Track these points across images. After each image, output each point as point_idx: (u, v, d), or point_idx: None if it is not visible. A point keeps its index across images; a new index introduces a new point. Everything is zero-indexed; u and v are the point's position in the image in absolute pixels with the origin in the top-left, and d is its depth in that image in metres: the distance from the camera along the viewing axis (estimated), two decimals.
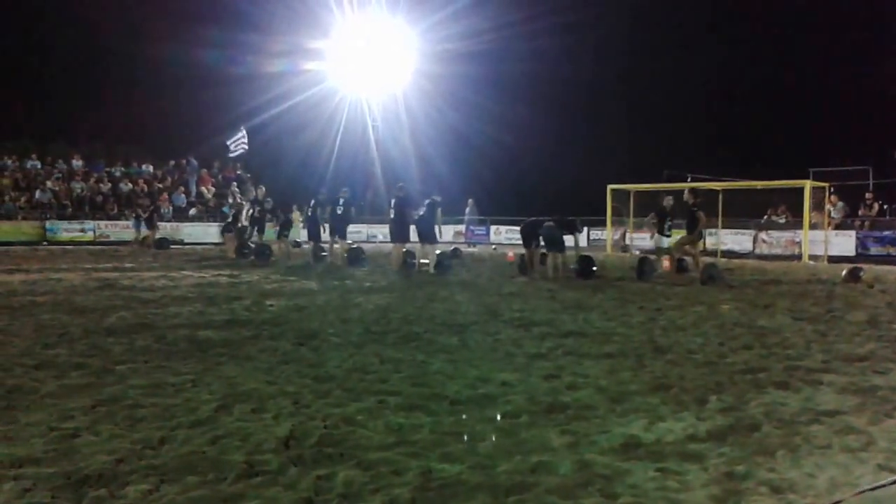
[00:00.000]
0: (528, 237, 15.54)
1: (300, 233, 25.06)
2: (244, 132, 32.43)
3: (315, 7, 34.82)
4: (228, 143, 32.34)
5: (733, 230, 25.22)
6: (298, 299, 10.75)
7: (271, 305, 10.00)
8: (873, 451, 3.96)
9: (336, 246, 18.45)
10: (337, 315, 9.08)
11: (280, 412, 4.60)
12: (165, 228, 28.38)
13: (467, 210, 32.95)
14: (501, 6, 33.61)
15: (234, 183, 36.12)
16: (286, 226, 20.67)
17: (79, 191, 32.13)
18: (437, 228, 16.32)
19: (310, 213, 19.48)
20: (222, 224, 24.49)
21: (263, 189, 22.96)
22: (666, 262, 14.80)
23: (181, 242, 27.29)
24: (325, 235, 18.95)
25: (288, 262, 18.88)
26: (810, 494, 3.36)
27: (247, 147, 32.89)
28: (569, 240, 15.28)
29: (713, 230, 23.03)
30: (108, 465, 3.63)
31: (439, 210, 16.43)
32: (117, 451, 3.85)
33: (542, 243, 15.24)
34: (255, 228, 20.82)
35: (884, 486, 3.29)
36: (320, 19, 35.33)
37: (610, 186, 26.67)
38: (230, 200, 32.23)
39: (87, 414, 4.54)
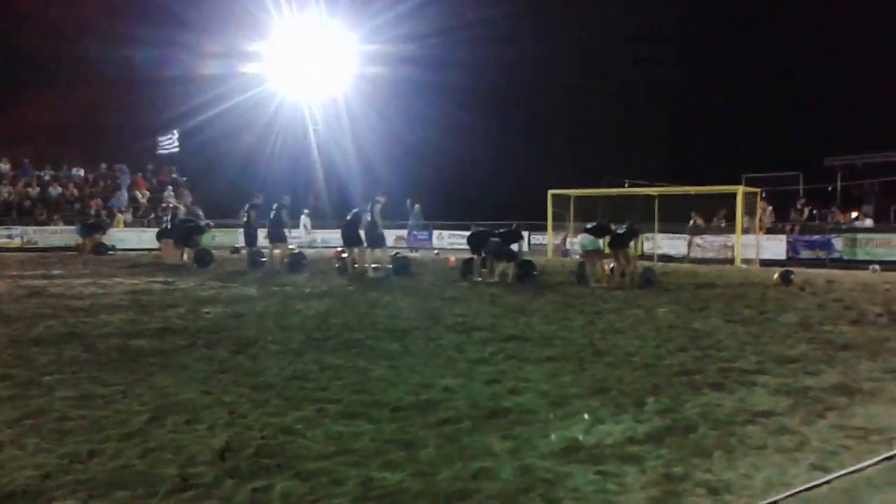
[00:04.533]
0: (476, 245, 15.59)
1: (238, 238, 24.67)
2: (176, 134, 31.80)
3: (252, 8, 34.36)
4: (159, 140, 31.69)
5: (669, 235, 25.73)
6: (236, 306, 10.55)
7: (207, 313, 9.79)
8: (806, 451, 4.06)
9: (276, 251, 18.20)
10: (276, 322, 8.94)
11: (215, 423, 4.49)
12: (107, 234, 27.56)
13: (411, 215, 32.92)
14: (443, 12, 33.66)
15: (170, 187, 35.38)
16: (196, 231, 20.31)
17: (5, 195, 31.01)
18: (382, 231, 16.36)
19: (245, 218, 19.18)
20: (158, 229, 23.92)
21: (191, 196, 22.60)
22: (606, 267, 15.00)
23: (113, 248, 26.53)
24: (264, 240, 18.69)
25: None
26: (746, 495, 3.42)
27: (177, 148, 32.22)
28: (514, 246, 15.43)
29: (650, 235, 23.46)
30: (34, 481, 3.49)
31: (377, 208, 16.34)
32: (44, 465, 3.71)
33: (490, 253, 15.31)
34: (189, 235, 20.40)
35: (817, 486, 3.37)
36: (258, 21, 34.88)
37: (550, 192, 26.94)
38: (168, 205, 31.51)
39: (12, 427, 4.38)
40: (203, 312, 9.81)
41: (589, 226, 15.29)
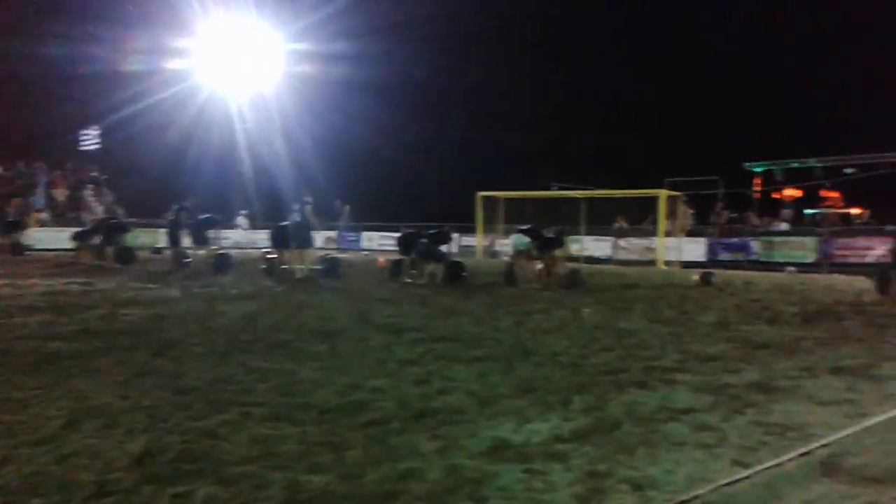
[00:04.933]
0: (406, 247, 15.58)
1: (161, 238, 24.08)
2: (97, 131, 30.82)
3: (177, 5, 33.54)
4: (80, 138, 30.68)
5: (595, 237, 26.19)
6: (157, 308, 10.25)
7: (127, 315, 9.48)
8: (726, 446, 4.16)
9: (201, 252, 17.81)
10: (199, 324, 8.72)
11: (134, 427, 4.35)
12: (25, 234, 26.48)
13: (342, 216, 32.67)
14: (374, 11, 33.52)
15: (90, 186, 34.22)
16: (118, 230, 19.80)
17: None
18: (312, 232, 16.19)
19: (171, 218, 18.72)
20: (77, 230, 23.11)
21: (112, 195, 21.98)
22: (536, 268, 15.17)
23: (30, 248, 25.51)
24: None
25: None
26: (669, 490, 3.49)
27: (98, 145, 31.23)
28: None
29: (577, 237, 23.84)
30: None
31: (308, 209, 16.18)
32: None
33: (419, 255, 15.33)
34: (110, 234, 19.83)
35: (737, 481, 3.46)
36: (182, 17, 34.03)
37: (480, 194, 27.11)
38: (87, 206, 30.49)
39: None
40: (123, 314, 9.50)
41: (522, 227, 15.51)
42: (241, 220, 31.88)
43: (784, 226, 24.68)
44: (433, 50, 33.90)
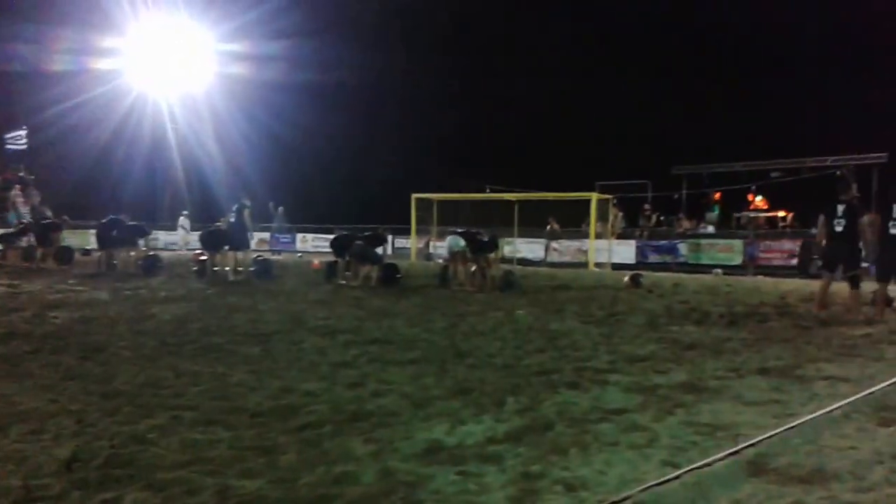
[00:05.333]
0: (340, 249, 15.50)
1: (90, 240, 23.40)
2: (25, 131, 29.76)
3: (105, 4, 32.63)
4: (7, 137, 29.56)
5: (527, 239, 26.48)
6: (85, 310, 9.97)
7: (55, 317, 9.20)
8: (657, 447, 4.24)
9: (132, 254, 17.39)
10: (128, 327, 8.52)
11: (62, 432, 4.23)
12: None
13: (276, 217, 32.27)
14: (307, 13, 33.13)
15: (17, 186, 32.95)
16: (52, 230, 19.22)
17: None
18: (248, 234, 15.97)
19: (104, 221, 18.20)
20: (2, 232, 22.23)
21: (39, 196, 21.27)
22: (470, 270, 15.26)
23: None
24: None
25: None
26: (601, 491, 3.54)
27: (25, 145, 30.16)
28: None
29: (510, 239, 24.08)
30: None
31: (247, 212, 15.95)
32: None
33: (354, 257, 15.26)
34: (46, 234, 19.19)
35: (668, 480, 3.55)
36: (111, 17, 33.13)
37: (414, 195, 27.14)
38: (14, 207, 29.34)
39: None
40: (50, 317, 9.22)
41: (458, 230, 15.59)
42: (182, 220, 31.18)
43: (711, 229, 25.37)
44: (364, 51, 33.74)
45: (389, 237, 22.76)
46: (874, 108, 24.15)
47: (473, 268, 14.85)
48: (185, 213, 32.12)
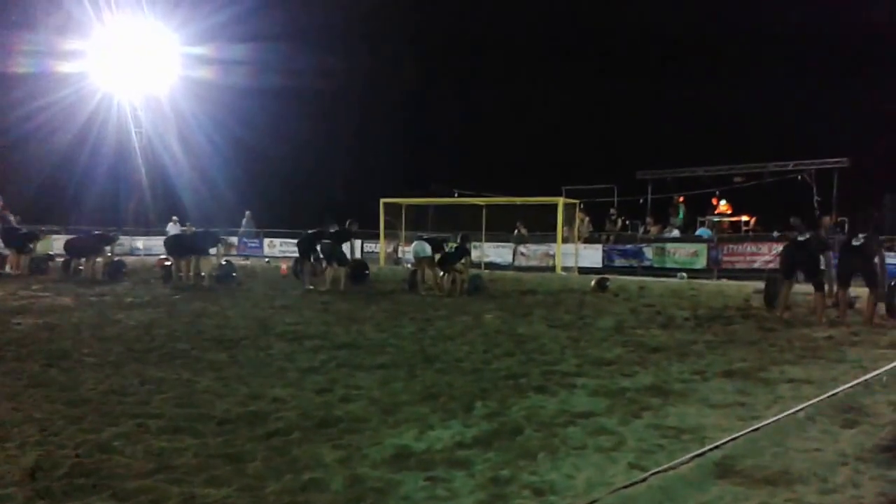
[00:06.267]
0: (307, 250, 15.39)
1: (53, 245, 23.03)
2: None
3: (67, 6, 32.10)
4: None
5: (495, 243, 26.56)
6: (49, 317, 9.79)
7: (17, 324, 9.03)
8: (624, 450, 4.29)
9: (98, 260, 17.13)
10: (93, 333, 8.39)
11: (25, 440, 4.18)
12: None
13: (244, 222, 31.96)
14: (270, 16, 32.91)
15: None
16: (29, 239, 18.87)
17: None
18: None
19: (73, 237, 17.96)
20: None
21: (0, 201, 20.80)
22: (439, 275, 15.25)
23: None
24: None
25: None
26: (569, 495, 3.58)
27: None
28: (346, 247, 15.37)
29: (477, 243, 24.12)
30: None
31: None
32: None
33: (322, 256, 15.17)
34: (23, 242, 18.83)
35: (635, 483, 3.58)
36: (73, 19, 32.58)
37: (383, 200, 27.07)
38: None
39: None
40: (12, 323, 9.05)
41: (426, 236, 15.58)
42: (171, 226, 30.77)
43: (676, 233, 25.63)
44: (330, 55, 33.61)
45: (358, 242, 22.66)
46: (835, 113, 24.64)
47: (442, 273, 14.85)
48: (175, 218, 31.70)
